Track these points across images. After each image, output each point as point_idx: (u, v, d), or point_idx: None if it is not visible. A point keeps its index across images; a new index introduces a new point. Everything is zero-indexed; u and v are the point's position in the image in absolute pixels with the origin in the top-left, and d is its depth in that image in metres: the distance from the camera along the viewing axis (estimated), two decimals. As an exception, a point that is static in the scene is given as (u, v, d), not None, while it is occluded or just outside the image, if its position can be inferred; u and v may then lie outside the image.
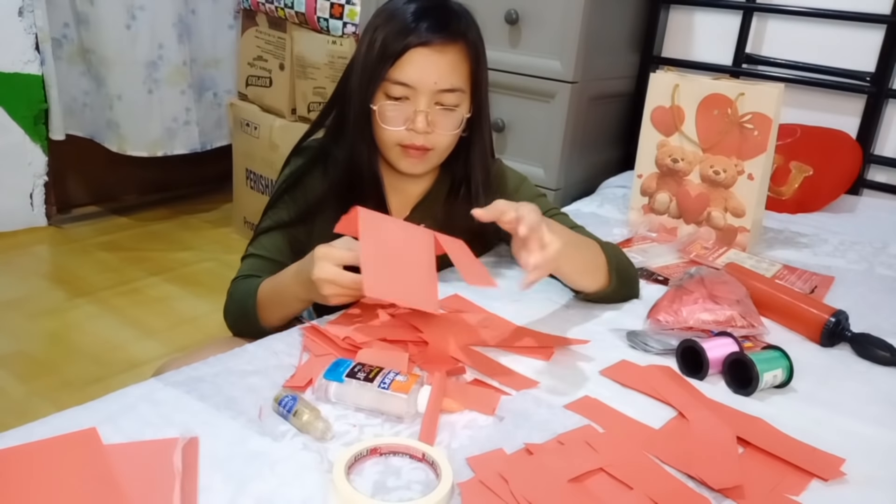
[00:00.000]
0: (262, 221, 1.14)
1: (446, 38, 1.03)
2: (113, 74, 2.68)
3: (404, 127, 1.05)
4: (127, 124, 2.74)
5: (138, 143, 2.78)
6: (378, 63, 1.03)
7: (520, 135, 1.86)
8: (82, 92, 2.78)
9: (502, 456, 0.73)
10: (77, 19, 2.65)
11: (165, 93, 2.78)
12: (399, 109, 1.05)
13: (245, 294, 1.05)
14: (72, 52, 2.72)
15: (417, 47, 1.02)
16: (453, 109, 1.07)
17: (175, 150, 2.86)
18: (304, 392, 0.83)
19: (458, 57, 1.05)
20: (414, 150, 1.07)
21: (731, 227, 1.44)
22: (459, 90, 1.06)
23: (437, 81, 1.04)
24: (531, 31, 1.81)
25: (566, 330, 1.03)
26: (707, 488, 0.71)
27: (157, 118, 2.78)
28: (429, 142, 1.07)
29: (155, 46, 2.71)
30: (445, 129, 1.07)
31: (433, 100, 1.05)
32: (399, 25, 1.03)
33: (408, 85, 1.03)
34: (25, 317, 2.14)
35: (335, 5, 2.29)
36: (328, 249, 0.92)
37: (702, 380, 0.92)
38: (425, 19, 1.02)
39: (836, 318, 1.05)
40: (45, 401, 1.75)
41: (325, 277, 0.91)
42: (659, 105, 1.49)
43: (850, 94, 1.88)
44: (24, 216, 2.76)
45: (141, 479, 0.65)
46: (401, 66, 1.03)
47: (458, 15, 1.07)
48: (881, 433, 0.85)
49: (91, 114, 2.80)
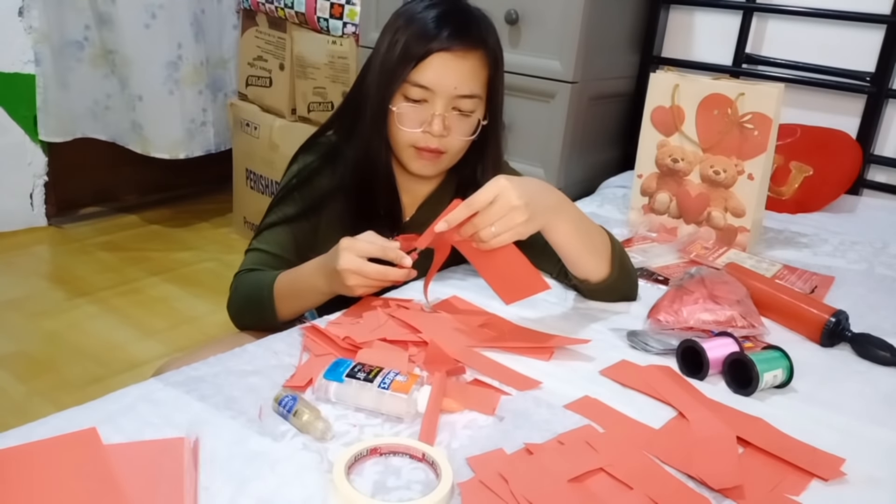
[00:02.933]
0: (267, 216, 1.14)
1: (468, 44, 1.05)
2: (135, 75, 2.65)
3: (420, 129, 1.07)
4: (149, 125, 2.72)
5: (161, 145, 2.75)
6: (399, 65, 1.05)
7: (520, 135, 1.86)
8: (105, 95, 2.75)
9: (502, 456, 0.73)
10: (99, 20, 2.62)
11: (185, 93, 2.75)
12: (416, 111, 1.06)
13: (257, 286, 1.06)
14: (94, 54, 2.69)
15: (439, 52, 1.04)
16: (469, 115, 1.08)
17: (195, 151, 2.83)
18: (304, 392, 0.83)
19: (477, 63, 1.07)
20: (427, 153, 1.09)
21: (731, 227, 1.44)
22: (477, 97, 1.08)
23: (456, 87, 1.05)
24: (531, 31, 1.81)
25: (566, 330, 1.03)
26: (707, 488, 0.71)
27: (179, 119, 2.75)
28: (443, 145, 1.08)
29: (174, 46, 2.68)
30: (460, 133, 1.09)
31: (450, 104, 1.06)
32: (421, 29, 1.04)
33: (427, 88, 1.05)
34: (25, 317, 2.14)
35: (335, 5, 2.29)
36: (353, 241, 0.95)
37: (702, 380, 0.92)
38: (448, 25, 1.04)
39: (836, 318, 1.05)
40: (45, 401, 1.75)
41: (350, 268, 0.93)
42: (659, 105, 1.49)
43: (850, 94, 1.87)
44: (24, 216, 2.77)
45: (141, 479, 0.65)
46: (422, 70, 1.04)
47: (478, 21, 1.09)
48: (881, 433, 0.84)
49: (114, 116, 2.78)
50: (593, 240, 1.04)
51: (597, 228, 1.06)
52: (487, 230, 0.89)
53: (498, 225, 0.89)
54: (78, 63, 2.67)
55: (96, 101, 2.75)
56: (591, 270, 1.07)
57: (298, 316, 1.08)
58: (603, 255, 1.06)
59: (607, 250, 1.06)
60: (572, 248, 1.02)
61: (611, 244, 1.07)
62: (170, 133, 2.75)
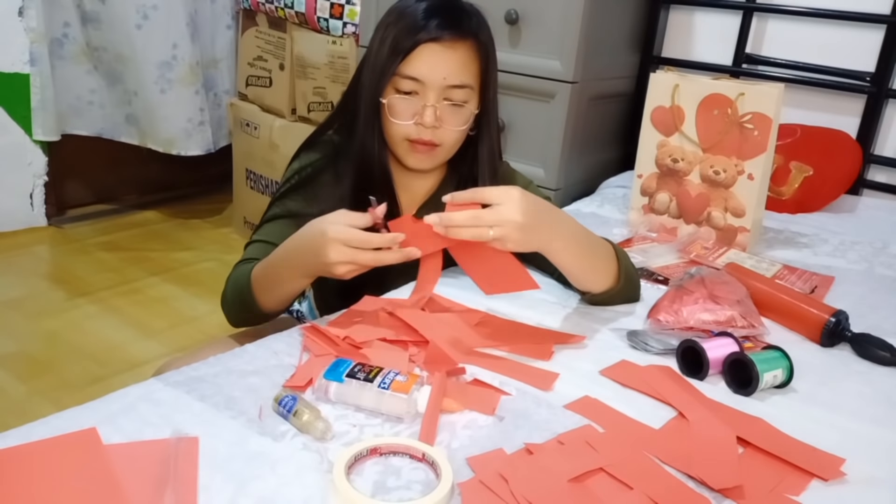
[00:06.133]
0: (268, 210, 1.14)
1: (456, 34, 1.05)
2: (129, 71, 2.67)
3: (412, 121, 1.06)
4: (145, 120, 2.74)
5: (157, 139, 2.77)
6: (389, 58, 1.05)
7: (520, 135, 1.86)
8: (88, 90, 2.75)
9: (502, 456, 0.73)
10: (83, 18, 2.63)
11: (180, 93, 2.74)
12: (408, 103, 1.06)
13: (243, 273, 1.04)
14: (75, 51, 2.69)
15: (428, 43, 1.03)
16: (462, 105, 1.08)
17: (191, 150, 2.83)
18: (304, 392, 0.83)
19: (468, 54, 1.06)
20: (421, 146, 1.08)
21: (731, 227, 1.44)
22: (468, 87, 1.07)
23: (446, 77, 1.05)
24: (531, 31, 1.81)
25: (565, 330, 1.03)
26: (707, 488, 0.71)
27: (172, 118, 2.75)
28: (436, 137, 1.08)
29: (169, 46, 2.68)
30: (453, 124, 1.08)
31: (442, 95, 1.06)
32: (410, 22, 1.04)
33: (417, 79, 1.05)
34: (25, 317, 2.14)
35: (335, 5, 2.29)
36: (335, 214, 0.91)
37: (702, 380, 0.92)
38: (436, 16, 1.04)
39: (836, 318, 1.05)
40: (45, 401, 1.75)
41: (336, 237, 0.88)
42: (659, 105, 1.49)
43: (850, 94, 1.87)
44: (24, 216, 2.77)
45: (141, 479, 0.65)
46: (411, 61, 1.04)
47: (469, 14, 1.09)
48: (881, 433, 0.85)
49: (101, 112, 2.78)
50: (596, 259, 1.04)
51: (601, 244, 1.05)
52: (485, 230, 0.88)
53: (496, 230, 0.88)
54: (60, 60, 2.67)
55: (79, 98, 2.75)
56: (593, 286, 1.07)
57: (283, 306, 1.05)
58: (606, 272, 1.06)
59: (611, 266, 1.06)
60: (572, 269, 1.03)
61: (616, 258, 1.07)
62: (166, 130, 2.76)
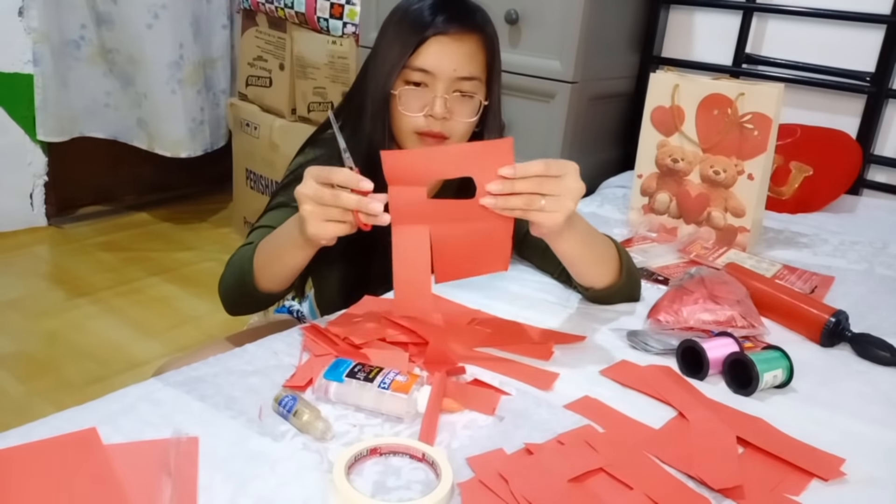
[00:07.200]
0: (272, 201, 1.13)
1: (464, 28, 1.06)
2: (141, 73, 2.67)
3: (422, 113, 1.07)
4: (155, 123, 2.74)
5: (165, 143, 2.77)
6: (398, 52, 1.05)
7: (520, 135, 1.85)
8: (104, 93, 2.75)
9: (502, 456, 0.73)
10: (98, 20, 2.63)
11: (187, 92, 2.76)
12: (418, 95, 1.06)
13: (242, 255, 1.04)
14: (91, 52, 2.69)
15: (437, 36, 1.05)
16: (471, 96, 1.08)
17: (196, 151, 2.84)
18: (304, 392, 0.83)
19: (475, 47, 1.07)
20: (431, 138, 1.08)
21: (731, 227, 1.44)
22: (477, 79, 1.08)
23: (455, 69, 1.05)
24: (531, 31, 1.81)
25: (565, 330, 1.03)
26: (707, 488, 0.71)
27: (182, 119, 2.75)
28: (446, 129, 1.08)
29: (176, 46, 2.69)
30: (463, 115, 1.08)
31: (451, 87, 1.06)
32: (418, 17, 1.06)
33: (427, 71, 1.05)
34: (25, 317, 2.14)
35: (335, 5, 2.29)
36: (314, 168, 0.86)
37: (702, 380, 0.92)
38: (443, 11, 1.06)
39: (836, 318, 1.05)
40: (45, 401, 1.75)
41: (306, 192, 0.84)
42: (659, 105, 1.49)
43: (850, 94, 1.87)
44: (24, 216, 2.77)
45: (141, 479, 0.65)
46: (421, 54, 1.05)
47: (474, 10, 1.10)
48: (881, 433, 0.85)
49: (115, 114, 2.78)
50: (598, 251, 1.04)
51: (602, 239, 1.06)
52: (537, 199, 0.84)
53: (549, 201, 0.84)
54: (76, 62, 2.67)
55: (95, 100, 2.75)
56: (595, 279, 1.07)
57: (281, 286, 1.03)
58: (609, 266, 1.06)
59: (613, 260, 1.06)
60: (580, 259, 1.02)
61: (617, 253, 1.07)
62: (174, 132, 2.76)
